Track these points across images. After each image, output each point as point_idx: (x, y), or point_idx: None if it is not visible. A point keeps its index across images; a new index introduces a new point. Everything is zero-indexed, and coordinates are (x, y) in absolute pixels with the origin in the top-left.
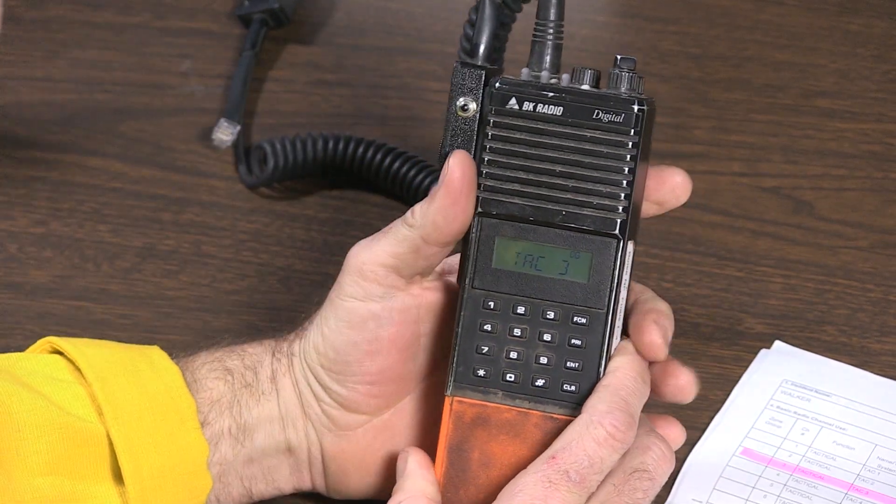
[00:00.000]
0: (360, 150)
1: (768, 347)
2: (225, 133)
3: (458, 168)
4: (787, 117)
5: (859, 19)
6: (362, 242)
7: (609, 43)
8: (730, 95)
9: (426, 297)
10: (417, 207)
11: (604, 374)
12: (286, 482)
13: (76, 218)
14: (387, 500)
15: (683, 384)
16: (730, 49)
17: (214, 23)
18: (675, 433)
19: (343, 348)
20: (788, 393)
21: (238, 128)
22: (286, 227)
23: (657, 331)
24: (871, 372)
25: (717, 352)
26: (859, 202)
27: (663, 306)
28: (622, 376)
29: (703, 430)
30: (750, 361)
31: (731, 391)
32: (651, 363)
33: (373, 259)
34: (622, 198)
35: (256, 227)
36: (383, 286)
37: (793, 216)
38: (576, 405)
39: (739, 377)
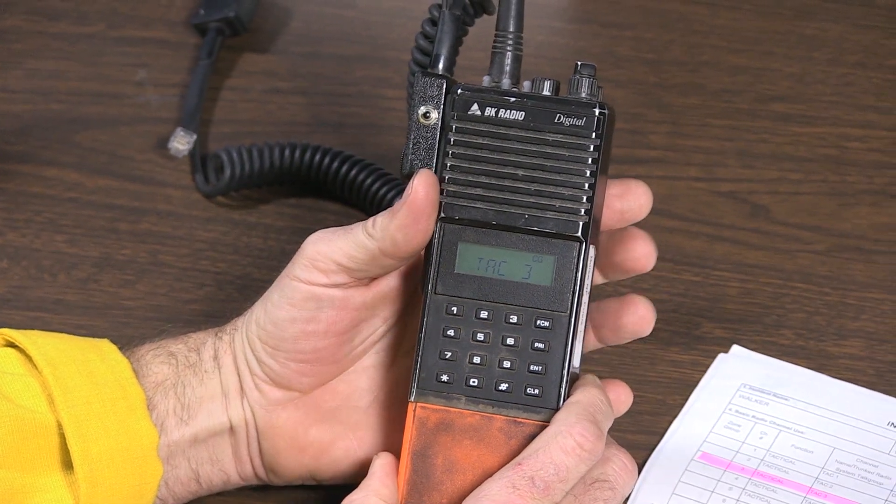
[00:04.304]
0: (317, 157)
1: (726, 352)
2: (181, 142)
3: (422, 187)
4: (742, 122)
5: (814, 23)
6: (323, 233)
7: (564, 48)
8: (686, 100)
9: (371, 289)
10: (379, 219)
11: (567, 384)
12: (230, 465)
13: (32, 228)
14: (323, 483)
15: (644, 313)
16: (685, 54)
17: (170, 32)
18: (621, 392)
19: (282, 323)
20: (747, 397)
21: (194, 137)
22: (244, 235)
23: (645, 237)
24: (829, 375)
25: (675, 356)
26: (815, 206)
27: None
28: (591, 396)
29: (662, 435)
30: (708, 366)
31: (689, 396)
32: (607, 303)
33: (328, 254)
34: (584, 200)
35: (214, 236)
36: (332, 280)
37: (749, 220)
38: (539, 409)
39: (698, 382)
